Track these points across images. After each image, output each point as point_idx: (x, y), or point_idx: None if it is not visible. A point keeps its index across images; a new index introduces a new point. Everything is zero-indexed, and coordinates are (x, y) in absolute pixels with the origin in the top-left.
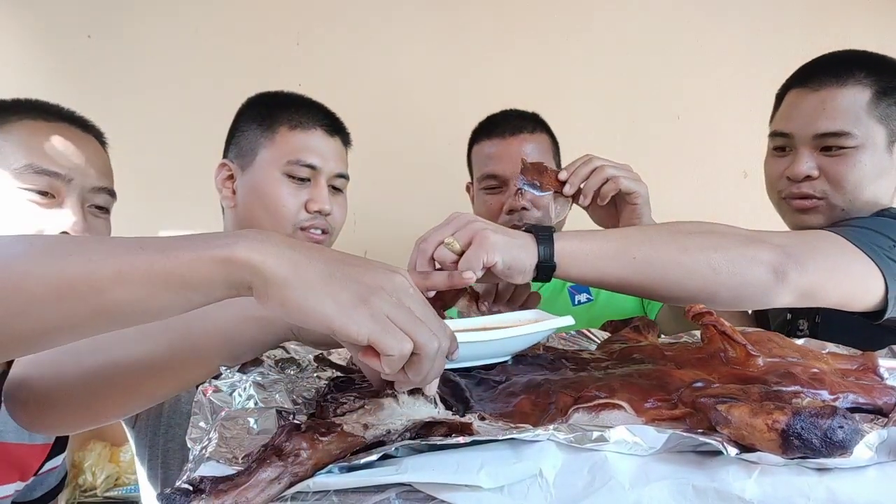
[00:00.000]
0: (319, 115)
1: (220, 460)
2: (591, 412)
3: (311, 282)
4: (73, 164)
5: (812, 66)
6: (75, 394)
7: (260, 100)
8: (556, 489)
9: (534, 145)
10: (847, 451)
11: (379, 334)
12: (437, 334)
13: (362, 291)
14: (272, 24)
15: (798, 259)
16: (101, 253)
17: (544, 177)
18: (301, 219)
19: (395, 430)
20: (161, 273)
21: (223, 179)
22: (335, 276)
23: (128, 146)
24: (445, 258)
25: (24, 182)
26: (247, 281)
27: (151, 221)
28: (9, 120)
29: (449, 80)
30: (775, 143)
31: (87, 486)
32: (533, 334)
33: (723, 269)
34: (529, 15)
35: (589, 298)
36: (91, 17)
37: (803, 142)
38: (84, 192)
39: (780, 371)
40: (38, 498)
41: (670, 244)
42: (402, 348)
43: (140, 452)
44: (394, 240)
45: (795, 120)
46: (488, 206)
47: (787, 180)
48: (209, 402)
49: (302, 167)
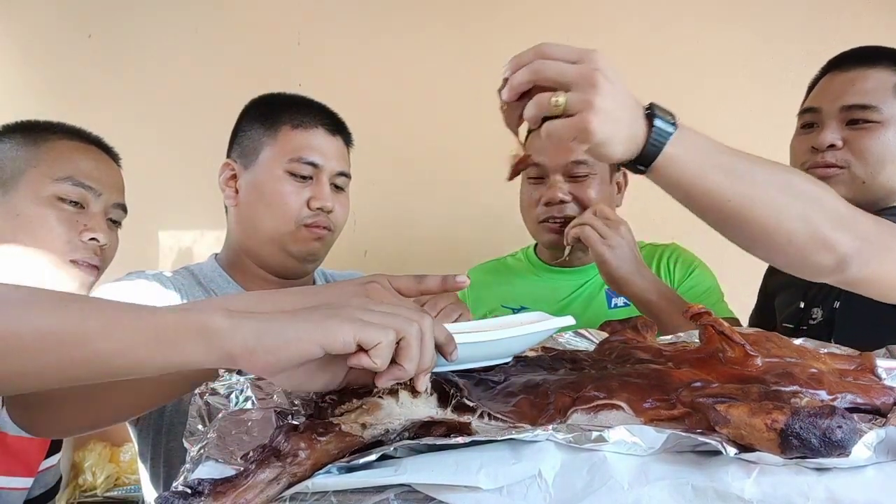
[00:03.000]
0: (321, 115)
1: (219, 461)
2: (589, 412)
3: (282, 321)
4: (102, 181)
5: (842, 54)
6: (75, 398)
7: (263, 100)
8: (555, 489)
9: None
10: (846, 451)
11: (361, 330)
12: (415, 318)
13: (330, 311)
14: (272, 24)
15: (867, 256)
16: (93, 307)
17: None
18: (303, 216)
19: (393, 429)
20: (145, 329)
21: (226, 179)
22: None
23: (128, 146)
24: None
25: (62, 192)
26: (226, 349)
27: (151, 220)
28: (49, 138)
29: (449, 80)
30: (804, 121)
31: (87, 486)
32: (534, 334)
33: (798, 239)
34: (529, 15)
35: (626, 303)
36: (91, 17)
37: (830, 115)
38: (107, 206)
39: (778, 371)
40: (37, 497)
41: (781, 189)
42: (387, 336)
43: (143, 451)
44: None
45: (825, 95)
46: (527, 197)
47: (812, 151)
48: (206, 404)
49: (304, 165)
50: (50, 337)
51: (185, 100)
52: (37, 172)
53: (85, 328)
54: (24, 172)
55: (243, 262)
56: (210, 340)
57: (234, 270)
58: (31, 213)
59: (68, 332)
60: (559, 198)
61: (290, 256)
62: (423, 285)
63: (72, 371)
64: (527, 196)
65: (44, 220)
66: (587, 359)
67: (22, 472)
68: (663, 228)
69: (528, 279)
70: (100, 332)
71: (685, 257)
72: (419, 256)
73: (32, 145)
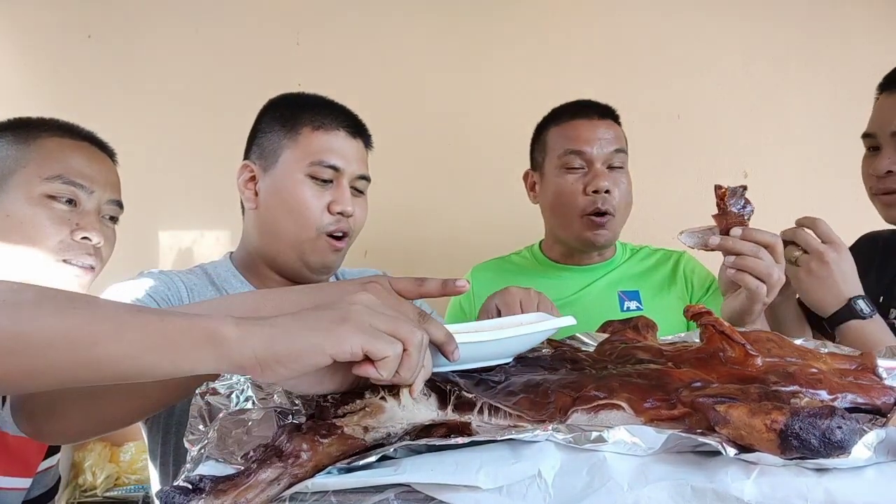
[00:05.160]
0: (342, 117)
1: (219, 461)
2: (590, 412)
3: (290, 328)
4: (94, 178)
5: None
6: (78, 403)
7: (282, 101)
8: (554, 489)
9: (616, 133)
10: (845, 452)
11: (370, 342)
12: (417, 326)
13: (338, 315)
14: (272, 24)
15: None
16: (102, 309)
17: (729, 216)
18: (325, 223)
19: (394, 433)
20: (153, 334)
21: (245, 181)
22: (308, 317)
23: (128, 146)
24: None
25: (53, 191)
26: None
27: (151, 220)
28: (40, 135)
29: (449, 80)
30: (867, 144)
31: (87, 486)
32: (535, 335)
33: None
34: (529, 14)
35: (639, 307)
36: (91, 17)
37: (885, 140)
38: (101, 203)
39: (778, 371)
40: (36, 498)
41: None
42: (395, 349)
43: (153, 449)
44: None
45: (877, 120)
46: (567, 187)
47: (875, 177)
48: (207, 404)
49: (325, 168)
50: (58, 339)
51: (185, 100)
52: (27, 172)
53: (93, 331)
54: (15, 172)
55: (258, 265)
56: (219, 350)
57: (248, 272)
58: (22, 214)
59: (77, 335)
60: (606, 186)
61: (305, 266)
62: (423, 288)
63: (79, 373)
64: (567, 186)
65: (35, 220)
66: (587, 359)
67: (20, 473)
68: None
69: (534, 277)
70: (109, 335)
71: (700, 271)
72: (419, 257)
73: (22, 144)
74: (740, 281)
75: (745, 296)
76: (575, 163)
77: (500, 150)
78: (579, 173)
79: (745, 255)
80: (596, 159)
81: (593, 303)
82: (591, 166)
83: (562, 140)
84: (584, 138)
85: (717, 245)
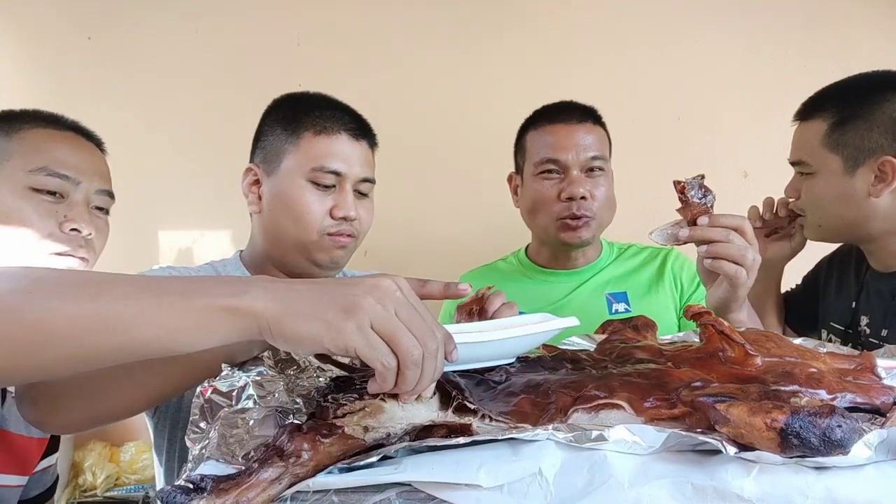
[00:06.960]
0: (345, 119)
1: (220, 459)
2: (590, 412)
3: (301, 310)
4: (80, 168)
5: (808, 100)
6: (83, 392)
7: (285, 102)
8: (555, 488)
9: (596, 137)
10: (845, 450)
11: (366, 349)
12: (423, 339)
13: (349, 303)
14: (272, 24)
15: None
16: (126, 294)
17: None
18: (326, 225)
19: (395, 433)
20: (179, 315)
21: (249, 184)
22: (323, 299)
23: (128, 146)
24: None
25: (38, 183)
26: (253, 327)
27: (151, 220)
28: (22, 127)
29: (449, 80)
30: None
31: (87, 486)
32: (536, 335)
33: None
34: (529, 14)
35: (627, 309)
36: (91, 17)
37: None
38: (89, 193)
39: (778, 370)
40: (35, 497)
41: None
42: (388, 363)
43: (158, 444)
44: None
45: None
46: (543, 192)
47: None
48: (208, 402)
49: (326, 174)
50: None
51: (185, 100)
52: (11, 165)
53: (121, 315)
54: None
55: (267, 266)
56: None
57: (257, 271)
58: (8, 208)
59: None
60: (581, 193)
61: (313, 265)
62: (425, 289)
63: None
64: (543, 192)
65: (22, 214)
66: (588, 358)
67: (19, 471)
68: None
69: (520, 282)
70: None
71: (689, 267)
72: (420, 257)
73: (4, 137)
74: (718, 269)
75: (727, 283)
76: (551, 169)
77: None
78: (555, 179)
79: (716, 241)
80: (572, 165)
81: (581, 307)
82: (567, 172)
83: (538, 145)
84: (561, 145)
85: (688, 237)
